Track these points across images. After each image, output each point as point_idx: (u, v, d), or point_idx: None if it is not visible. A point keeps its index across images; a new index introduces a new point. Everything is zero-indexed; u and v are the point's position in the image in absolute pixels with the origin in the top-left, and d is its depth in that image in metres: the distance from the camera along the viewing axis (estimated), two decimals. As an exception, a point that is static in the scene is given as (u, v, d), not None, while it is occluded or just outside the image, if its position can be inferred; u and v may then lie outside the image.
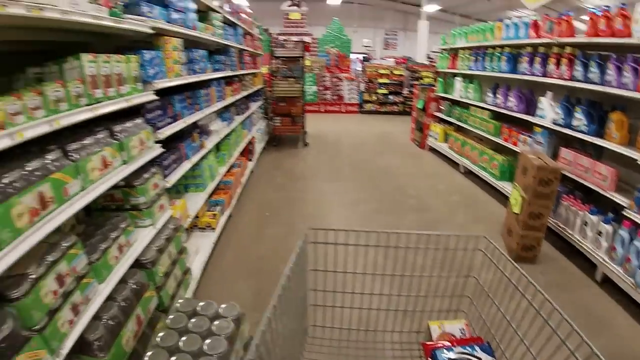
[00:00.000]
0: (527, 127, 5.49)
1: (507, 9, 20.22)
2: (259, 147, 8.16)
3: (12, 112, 1.61)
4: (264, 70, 9.96)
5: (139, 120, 2.69)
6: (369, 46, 23.72)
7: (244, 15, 6.76)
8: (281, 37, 14.80)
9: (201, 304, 2.79)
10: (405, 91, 15.29)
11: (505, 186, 5.68)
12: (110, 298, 2.27)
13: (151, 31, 2.80)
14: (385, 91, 15.26)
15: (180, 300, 2.81)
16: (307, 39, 15.28)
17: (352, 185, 6.54)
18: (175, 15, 3.31)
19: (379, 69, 15.47)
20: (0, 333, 1.48)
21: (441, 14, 22.77)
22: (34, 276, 1.73)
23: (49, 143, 1.96)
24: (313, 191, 6.27)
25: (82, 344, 1.94)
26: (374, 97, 15.38)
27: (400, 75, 15.32)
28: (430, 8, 19.85)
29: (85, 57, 2.08)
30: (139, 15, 2.79)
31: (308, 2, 17.27)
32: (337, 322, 2.16)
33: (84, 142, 2.14)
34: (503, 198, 5.63)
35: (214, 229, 4.28)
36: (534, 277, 1.82)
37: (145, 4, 2.89)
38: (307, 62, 13.76)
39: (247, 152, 6.66)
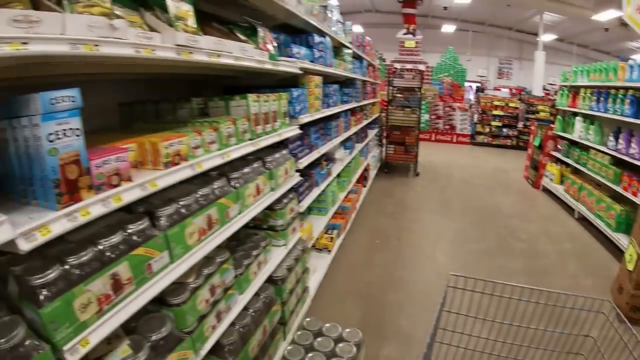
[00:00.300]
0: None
1: (626, 40, 18.42)
2: (372, 173, 8.33)
3: (194, 145, 1.92)
4: (380, 96, 10.17)
5: (284, 151, 2.98)
6: (484, 76, 23.00)
7: (367, 47, 7.05)
8: (396, 65, 15.06)
9: (327, 325, 2.97)
10: (520, 125, 14.53)
11: (620, 238, 5.16)
12: (244, 308, 2.51)
13: (300, 72, 3.09)
14: (499, 123, 14.61)
15: (307, 319, 3.02)
16: (421, 67, 15.33)
17: (461, 221, 6.40)
18: (317, 55, 3.62)
19: (494, 101, 14.92)
20: (161, 333, 1.77)
21: (558, 44, 21.34)
22: (193, 286, 2.02)
23: (213, 170, 2.26)
24: (422, 223, 6.26)
25: (215, 347, 2.16)
26: (487, 129, 14.83)
27: (516, 107, 14.61)
28: (547, 37, 18.73)
29: (251, 97, 2.39)
30: (289, 56, 3.12)
31: (422, 29, 17.37)
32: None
33: (243, 171, 2.44)
34: (617, 251, 5.13)
35: (329, 251, 4.49)
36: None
37: (295, 46, 3.21)
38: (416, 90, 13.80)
39: (362, 179, 6.86)
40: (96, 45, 1.35)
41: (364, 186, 7.18)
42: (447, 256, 5.10)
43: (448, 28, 21.37)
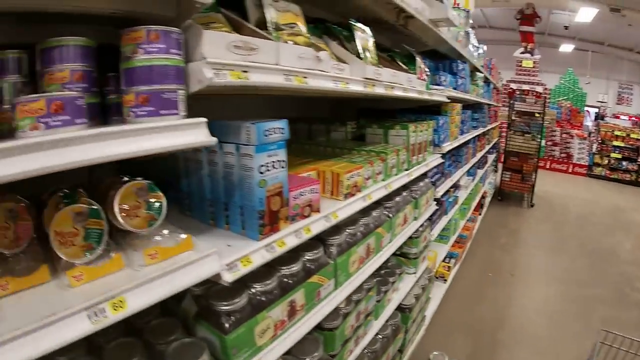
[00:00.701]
0: None
1: None
2: (486, 201, 7.98)
3: (367, 176, 1.95)
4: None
5: (427, 180, 2.94)
6: (604, 102, 21.03)
7: (493, 70, 6.79)
8: (512, 85, 14.33)
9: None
10: (640, 159, 12.89)
11: None
12: (376, 334, 2.49)
13: (448, 100, 3.05)
14: (619, 156, 13.03)
15: (434, 353, 2.95)
16: (539, 88, 14.45)
17: (576, 262, 5.91)
18: (460, 82, 3.55)
19: (615, 130, 13.36)
20: (314, 357, 1.82)
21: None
22: (344, 311, 2.05)
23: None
24: (535, 259, 5.88)
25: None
26: (606, 161, 13.40)
27: (637, 139, 12.96)
28: None
29: (411, 128, 2.39)
30: (437, 83, 3.08)
31: (539, 47, 16.33)
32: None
33: (396, 200, 2.44)
34: None
35: (445, 280, 4.37)
36: None
37: (442, 73, 3.17)
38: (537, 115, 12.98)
39: (478, 206, 6.59)
40: (305, 77, 1.38)
41: (480, 214, 6.89)
42: (559, 299, 4.73)
43: (566, 47, 19.87)
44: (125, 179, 1.16)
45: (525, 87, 13.99)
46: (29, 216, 1.04)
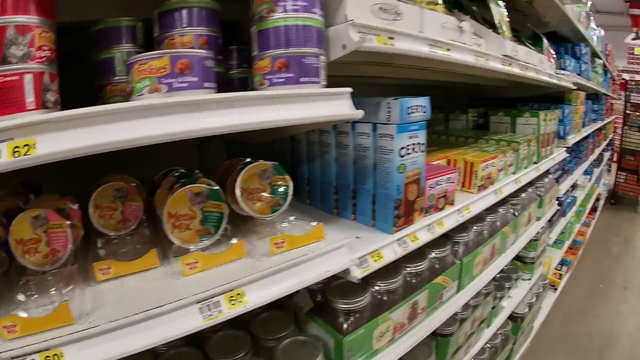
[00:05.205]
0: None
1: None
2: (600, 203, 7.24)
3: (499, 168, 1.73)
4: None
5: (550, 177, 2.64)
6: None
7: (609, 57, 6.11)
8: (624, 75, 12.96)
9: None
10: None
11: None
12: (485, 343, 2.26)
13: (573, 87, 2.71)
14: None
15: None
16: (655, 80, 12.95)
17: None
18: (583, 67, 3.17)
19: None
20: None
21: None
22: (461, 317, 1.85)
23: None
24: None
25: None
26: None
27: None
28: None
29: (542, 115, 2.11)
30: (561, 68, 2.75)
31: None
32: None
33: (522, 196, 2.18)
34: None
35: (556, 289, 3.98)
36: None
37: (567, 57, 2.83)
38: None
39: (592, 209, 5.97)
40: (448, 49, 1.25)
41: (593, 218, 6.25)
42: None
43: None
44: (248, 160, 1.07)
45: (639, 77, 12.57)
46: (139, 197, 0.98)
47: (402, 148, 1.12)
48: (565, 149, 2.69)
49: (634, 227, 6.92)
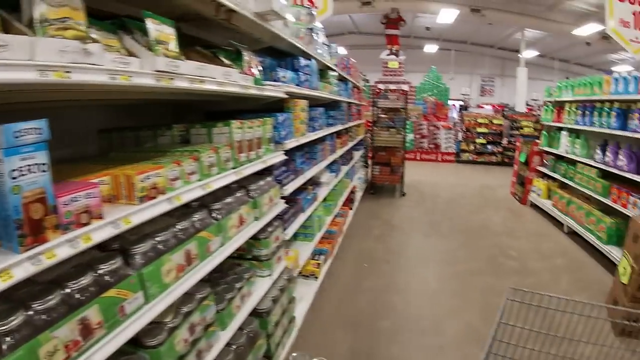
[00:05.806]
0: (639, 189, 5.00)
1: (607, 52, 18.83)
2: (358, 195, 8.25)
3: (172, 177, 1.80)
4: (365, 117, 10.17)
5: (269, 179, 2.87)
6: (467, 94, 23.30)
7: (352, 69, 7.04)
8: (380, 85, 15.13)
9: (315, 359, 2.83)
10: (504, 141, 14.70)
11: (612, 251, 5.14)
12: (227, 344, 2.36)
13: (285, 96, 3.00)
14: (483, 141, 14.76)
15: (294, 354, 2.88)
16: (405, 87, 15.43)
17: (450, 241, 6.34)
18: (303, 78, 3.55)
19: (478, 118, 15.11)
20: None
21: (540, 59, 21.66)
22: (170, 325, 1.88)
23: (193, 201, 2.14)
24: (410, 245, 6.19)
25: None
26: (472, 147, 14.95)
27: (500, 124, 14.80)
28: (529, 54, 18.91)
29: (235, 124, 2.28)
30: (275, 80, 3.03)
31: (405, 49, 17.55)
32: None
33: (226, 201, 2.32)
34: (610, 264, 5.12)
35: (317, 277, 4.34)
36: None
37: (281, 69, 3.13)
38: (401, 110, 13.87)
39: (348, 201, 6.76)
40: (67, 71, 1.25)
41: (351, 209, 7.08)
42: (437, 278, 5.00)
43: (430, 48, 21.70)
44: None
45: (392, 86, 14.84)
46: None
47: (14, 170, 1.13)
48: (282, 152, 2.96)
49: (392, 210, 8.06)
